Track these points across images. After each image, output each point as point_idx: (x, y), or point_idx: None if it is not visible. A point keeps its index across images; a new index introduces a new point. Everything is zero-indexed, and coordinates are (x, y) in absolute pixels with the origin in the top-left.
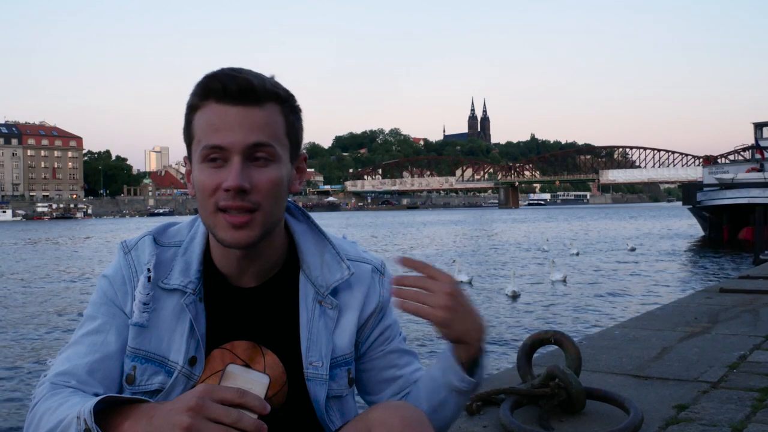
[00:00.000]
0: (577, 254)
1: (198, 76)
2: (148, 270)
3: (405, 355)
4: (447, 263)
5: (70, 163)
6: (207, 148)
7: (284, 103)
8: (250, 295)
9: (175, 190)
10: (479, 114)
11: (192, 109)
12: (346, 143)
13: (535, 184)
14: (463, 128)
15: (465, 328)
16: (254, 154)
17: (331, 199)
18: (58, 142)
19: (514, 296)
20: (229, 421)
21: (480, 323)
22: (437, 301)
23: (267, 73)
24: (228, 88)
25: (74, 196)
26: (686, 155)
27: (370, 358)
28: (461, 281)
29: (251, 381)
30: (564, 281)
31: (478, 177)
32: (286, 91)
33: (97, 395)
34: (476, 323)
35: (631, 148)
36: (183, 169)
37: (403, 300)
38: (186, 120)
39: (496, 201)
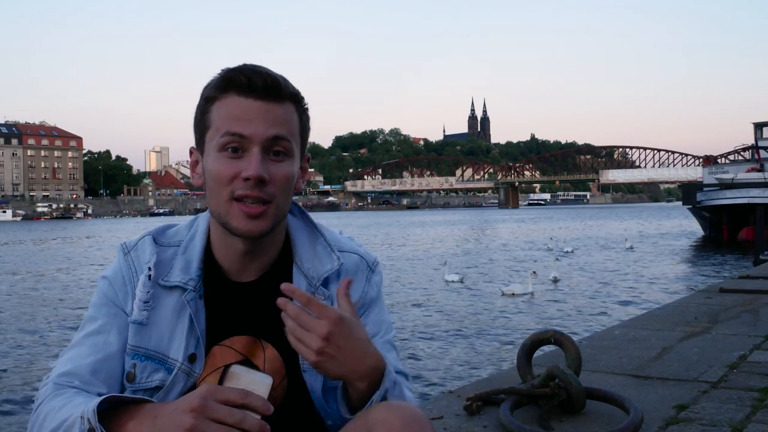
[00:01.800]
0: (572, 252)
1: (198, 76)
2: (149, 268)
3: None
4: (440, 263)
5: (70, 163)
6: (228, 135)
7: (299, 104)
8: (248, 290)
9: (175, 190)
10: (479, 114)
11: (209, 100)
12: (346, 143)
13: (535, 184)
14: (463, 128)
15: (343, 371)
16: (273, 148)
17: (331, 199)
18: (58, 142)
19: (525, 294)
20: (233, 422)
21: (365, 364)
22: (310, 343)
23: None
24: (253, 82)
25: (74, 196)
26: (686, 155)
27: None
28: (452, 281)
29: (254, 382)
30: (555, 280)
31: (478, 177)
32: (301, 93)
33: (100, 395)
34: (360, 365)
35: (631, 148)
36: (183, 169)
37: (285, 329)
38: (201, 110)
39: (496, 201)
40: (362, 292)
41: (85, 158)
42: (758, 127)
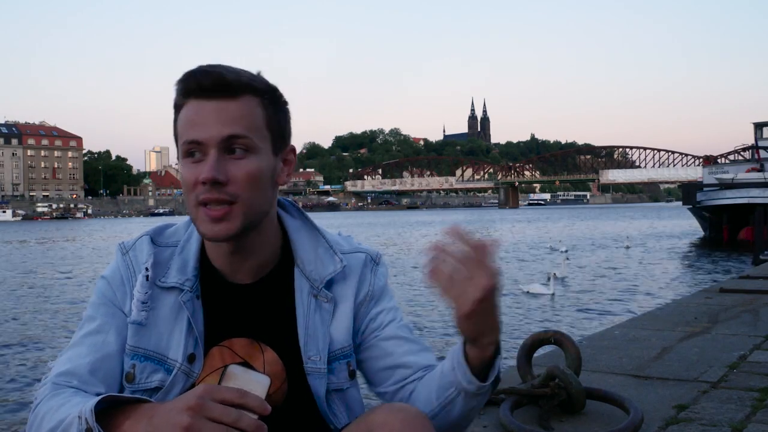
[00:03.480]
0: (566, 251)
1: None
2: (146, 269)
3: (405, 342)
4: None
5: (70, 163)
6: (186, 143)
7: (263, 96)
8: (246, 292)
9: (175, 190)
10: (479, 114)
11: (176, 108)
12: (346, 143)
13: (535, 184)
14: (463, 128)
15: (482, 329)
16: (231, 147)
17: (331, 199)
18: (58, 142)
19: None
20: (229, 421)
21: (497, 326)
22: (470, 292)
23: (254, 70)
24: (203, 84)
25: (74, 196)
26: (686, 155)
27: (364, 347)
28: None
29: (252, 381)
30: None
31: (478, 177)
32: (266, 84)
33: (99, 395)
34: (495, 325)
35: (631, 148)
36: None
37: (436, 271)
38: (174, 119)
39: (496, 201)
40: (370, 284)
41: (85, 158)
42: (758, 127)
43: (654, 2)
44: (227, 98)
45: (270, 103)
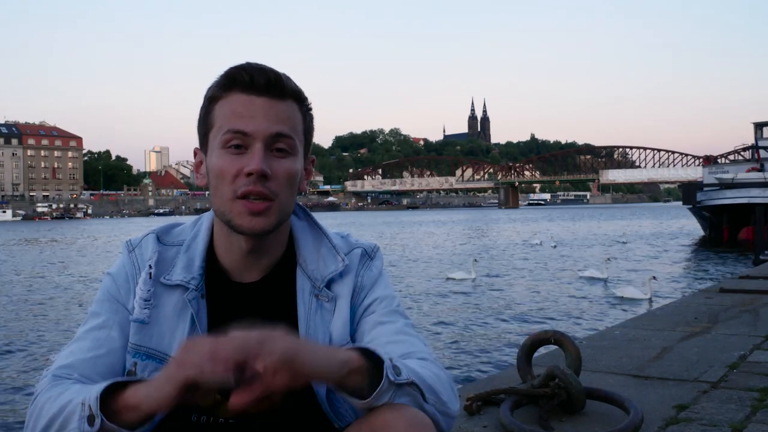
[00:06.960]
0: (555, 247)
1: (199, 76)
2: (150, 266)
3: (381, 326)
4: (446, 263)
5: (70, 163)
6: (230, 133)
7: (302, 103)
8: (249, 291)
9: (175, 190)
10: (479, 114)
11: (213, 99)
12: (346, 143)
13: (535, 184)
14: (463, 128)
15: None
16: (275, 145)
17: (331, 199)
18: (58, 142)
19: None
20: (213, 344)
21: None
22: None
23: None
24: (256, 80)
25: (74, 196)
26: (686, 155)
27: (355, 338)
28: (452, 278)
29: None
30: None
31: (478, 177)
32: (304, 92)
33: None
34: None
35: (631, 148)
36: (183, 169)
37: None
38: (205, 110)
39: (496, 201)
40: (362, 277)
41: (85, 158)
42: (758, 127)
43: (654, 2)
44: (277, 98)
45: (306, 111)
